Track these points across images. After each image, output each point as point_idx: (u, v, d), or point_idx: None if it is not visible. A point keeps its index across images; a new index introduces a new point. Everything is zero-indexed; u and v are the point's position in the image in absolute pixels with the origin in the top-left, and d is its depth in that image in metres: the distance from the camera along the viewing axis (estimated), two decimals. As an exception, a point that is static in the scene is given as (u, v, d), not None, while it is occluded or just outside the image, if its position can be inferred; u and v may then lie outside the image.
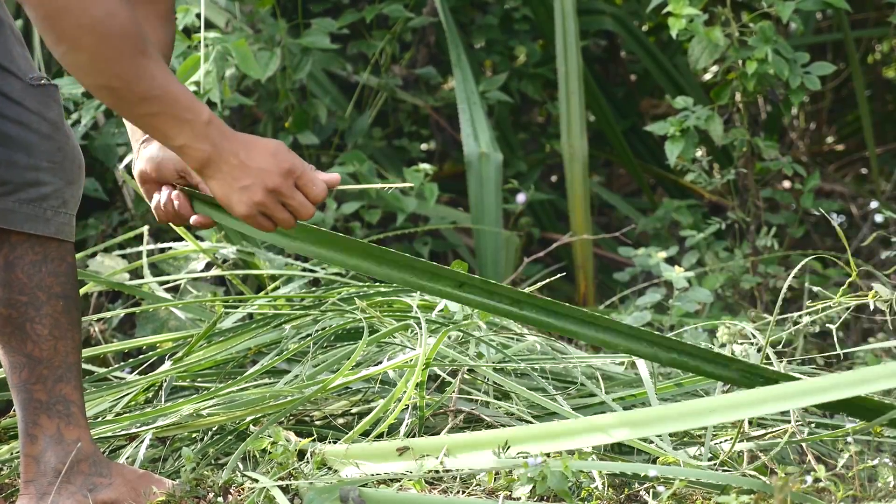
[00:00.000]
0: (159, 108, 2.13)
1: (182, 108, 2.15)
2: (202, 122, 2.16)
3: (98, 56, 2.08)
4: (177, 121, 2.14)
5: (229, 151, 2.17)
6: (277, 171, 2.19)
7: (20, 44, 2.33)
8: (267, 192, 2.20)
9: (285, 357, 2.82)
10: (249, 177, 2.18)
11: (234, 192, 2.19)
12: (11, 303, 2.31)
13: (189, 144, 2.16)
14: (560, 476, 2.17)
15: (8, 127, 2.28)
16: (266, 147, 2.20)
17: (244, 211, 2.20)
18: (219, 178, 2.18)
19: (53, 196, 2.32)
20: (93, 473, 2.35)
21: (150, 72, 2.12)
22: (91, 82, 2.12)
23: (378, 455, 2.38)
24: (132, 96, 2.12)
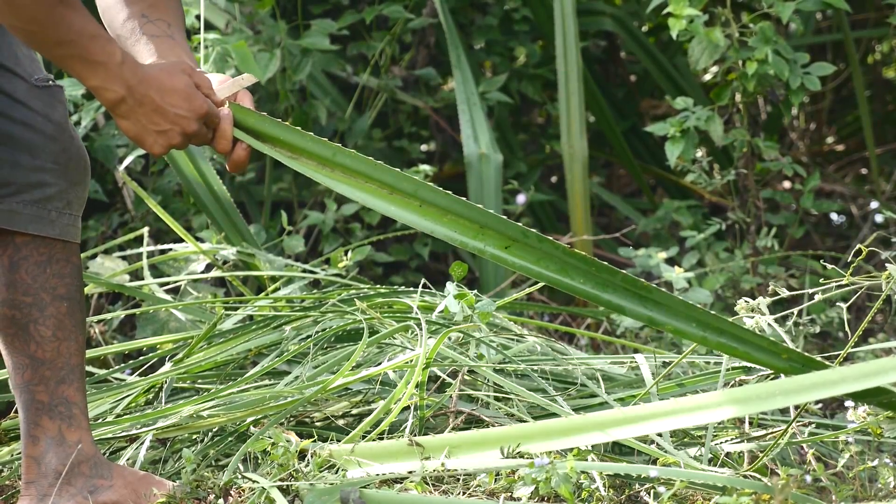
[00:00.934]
0: (73, 51, 2.18)
1: (95, 50, 2.19)
2: (115, 64, 2.20)
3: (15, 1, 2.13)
4: (89, 63, 2.19)
5: (145, 96, 2.23)
6: (194, 117, 2.27)
7: (25, 45, 2.33)
8: (185, 135, 2.28)
9: (286, 358, 2.82)
10: (167, 122, 2.26)
11: (149, 133, 2.26)
12: (15, 304, 2.31)
13: (102, 86, 2.21)
14: (564, 477, 2.17)
15: (13, 128, 2.28)
16: (179, 89, 2.26)
17: (159, 151, 2.27)
18: (132, 119, 2.24)
19: (58, 197, 2.32)
20: (93, 475, 2.35)
21: (68, 19, 2.16)
22: (8, 23, 2.16)
23: (381, 455, 2.38)
24: (47, 39, 2.17)
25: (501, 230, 2.37)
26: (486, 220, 2.37)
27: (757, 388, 2.15)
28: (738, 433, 2.56)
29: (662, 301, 2.36)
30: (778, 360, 2.33)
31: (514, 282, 4.32)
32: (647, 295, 2.36)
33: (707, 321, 2.33)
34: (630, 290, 2.35)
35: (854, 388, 2.10)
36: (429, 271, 4.77)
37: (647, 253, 3.97)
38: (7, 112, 2.28)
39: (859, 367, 2.11)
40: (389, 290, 3.18)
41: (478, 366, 2.71)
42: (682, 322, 2.34)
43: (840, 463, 2.34)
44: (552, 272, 2.38)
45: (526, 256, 2.38)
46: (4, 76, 2.29)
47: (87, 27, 2.19)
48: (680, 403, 2.21)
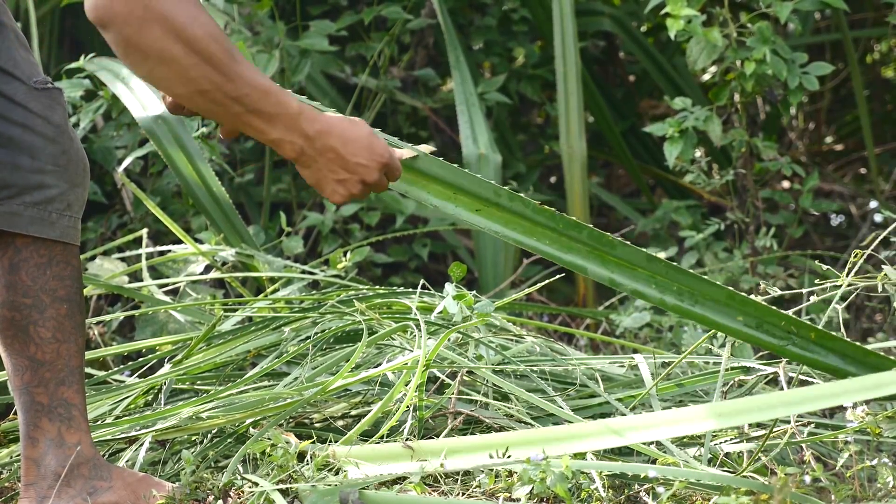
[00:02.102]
0: (250, 106, 2.16)
1: (272, 102, 2.18)
2: (292, 115, 2.20)
3: (188, 64, 2.10)
4: (268, 116, 2.18)
5: (325, 145, 2.23)
6: (376, 167, 2.27)
7: (24, 47, 2.33)
8: (364, 184, 2.26)
9: (285, 360, 2.82)
10: (348, 171, 2.25)
11: (329, 182, 2.25)
12: (15, 305, 2.31)
13: (283, 138, 2.20)
14: (560, 475, 2.17)
15: (12, 130, 2.28)
16: (361, 138, 2.25)
17: (338, 200, 2.27)
18: (314, 168, 2.24)
19: (58, 199, 2.32)
20: (93, 477, 2.35)
21: (238, 70, 2.14)
22: (182, 91, 2.13)
23: (380, 457, 2.38)
24: (223, 97, 2.14)
25: (474, 191, 2.40)
26: (461, 182, 2.39)
27: (747, 402, 2.18)
28: (738, 433, 2.56)
29: (625, 258, 2.38)
30: (733, 320, 2.35)
31: (513, 282, 4.33)
32: (609, 252, 2.39)
33: (666, 281, 2.36)
34: (594, 249, 2.40)
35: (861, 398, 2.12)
36: (428, 272, 4.77)
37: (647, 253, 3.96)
38: (7, 114, 2.28)
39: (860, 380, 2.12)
40: (388, 290, 3.18)
41: (477, 367, 2.71)
42: (641, 284, 2.39)
43: (839, 463, 2.34)
44: (520, 233, 2.41)
45: (496, 219, 2.42)
46: (3, 79, 2.29)
47: (260, 81, 2.17)
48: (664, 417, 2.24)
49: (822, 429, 2.63)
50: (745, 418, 2.22)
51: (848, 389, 2.13)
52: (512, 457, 2.28)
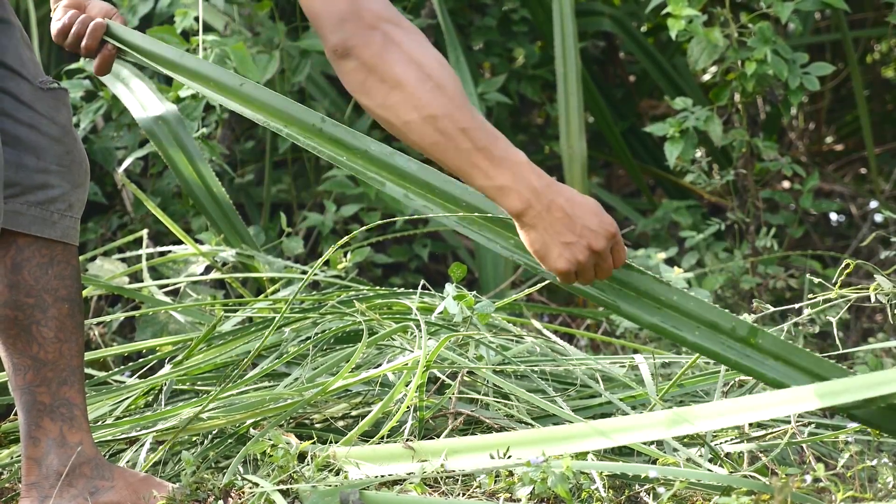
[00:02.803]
0: (479, 143, 2.09)
1: (500, 146, 2.10)
2: (520, 163, 2.10)
3: (423, 88, 2.08)
4: (497, 159, 2.09)
5: (553, 202, 2.11)
6: (604, 234, 2.13)
7: (29, 47, 2.34)
8: (591, 253, 2.13)
9: (285, 360, 2.82)
10: (574, 234, 2.12)
11: (555, 245, 2.12)
12: (18, 305, 2.31)
13: (510, 186, 2.10)
14: (561, 476, 2.17)
15: (18, 129, 2.29)
16: (589, 204, 2.13)
17: (563, 266, 2.12)
18: (540, 227, 2.12)
19: (61, 199, 2.33)
20: (95, 477, 2.35)
21: (467, 103, 2.09)
22: (413, 116, 2.09)
23: (380, 457, 2.38)
24: (453, 128, 2.08)
25: (304, 118, 2.28)
26: (290, 111, 2.30)
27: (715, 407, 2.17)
28: (738, 433, 2.56)
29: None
30: (690, 334, 2.27)
31: (513, 282, 4.32)
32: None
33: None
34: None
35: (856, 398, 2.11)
36: (428, 272, 4.77)
37: (647, 253, 3.97)
38: (13, 113, 2.29)
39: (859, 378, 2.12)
40: (389, 291, 3.18)
41: (477, 367, 2.71)
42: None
43: (840, 463, 2.34)
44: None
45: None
46: (11, 78, 2.30)
47: (488, 123, 2.10)
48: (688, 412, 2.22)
49: (823, 429, 2.63)
50: (745, 417, 2.21)
51: (849, 388, 2.13)
52: (513, 457, 2.28)
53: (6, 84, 2.30)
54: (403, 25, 2.11)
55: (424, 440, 2.46)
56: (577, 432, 2.29)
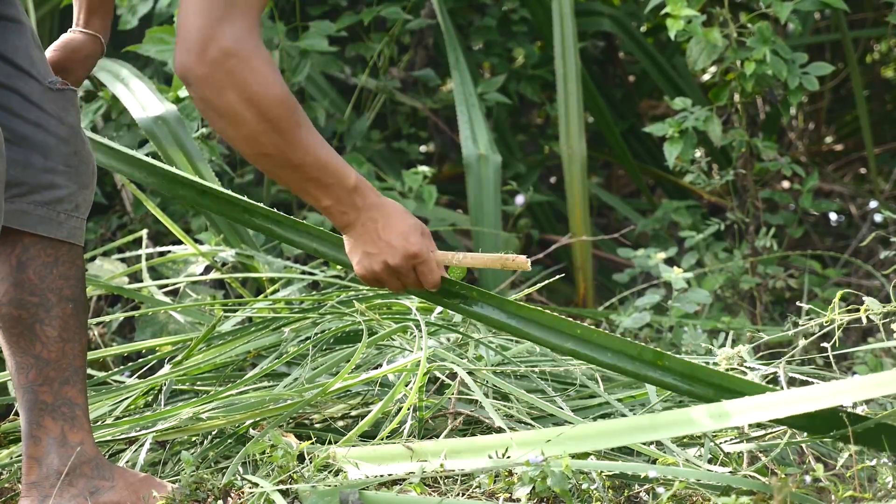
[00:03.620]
0: (310, 175, 2.24)
1: (329, 174, 2.25)
2: (348, 189, 2.27)
3: (257, 129, 2.17)
4: (324, 186, 2.26)
5: (368, 218, 2.29)
6: (403, 252, 2.31)
7: (39, 48, 2.35)
8: (386, 266, 2.31)
9: (285, 360, 2.82)
10: (376, 247, 2.31)
11: (357, 252, 2.32)
12: (22, 304, 2.31)
13: (334, 207, 2.27)
14: (561, 476, 2.17)
15: (26, 129, 2.30)
16: (402, 226, 2.31)
17: (359, 272, 2.33)
18: (353, 236, 2.31)
19: (67, 199, 2.33)
20: (95, 476, 2.35)
21: (304, 141, 2.21)
22: (248, 151, 2.21)
23: (380, 458, 2.38)
24: (286, 164, 2.22)
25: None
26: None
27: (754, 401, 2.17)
28: (738, 433, 2.56)
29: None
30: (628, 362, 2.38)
31: (513, 282, 4.33)
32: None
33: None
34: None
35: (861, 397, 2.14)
36: (428, 272, 4.76)
37: (646, 253, 3.97)
38: (22, 113, 2.30)
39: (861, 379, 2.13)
40: (389, 291, 3.17)
41: (477, 369, 2.71)
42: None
43: (839, 463, 2.34)
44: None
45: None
46: (21, 78, 2.30)
47: (321, 152, 2.25)
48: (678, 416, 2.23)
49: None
50: (744, 418, 2.22)
51: (848, 389, 2.13)
52: (512, 458, 2.28)
53: (15, 83, 2.30)
54: (252, 61, 2.13)
55: (424, 440, 2.46)
56: (617, 428, 2.30)
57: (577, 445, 2.28)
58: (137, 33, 4.28)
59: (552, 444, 2.27)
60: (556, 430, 2.33)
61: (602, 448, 2.33)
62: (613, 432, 2.29)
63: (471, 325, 2.87)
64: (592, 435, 2.29)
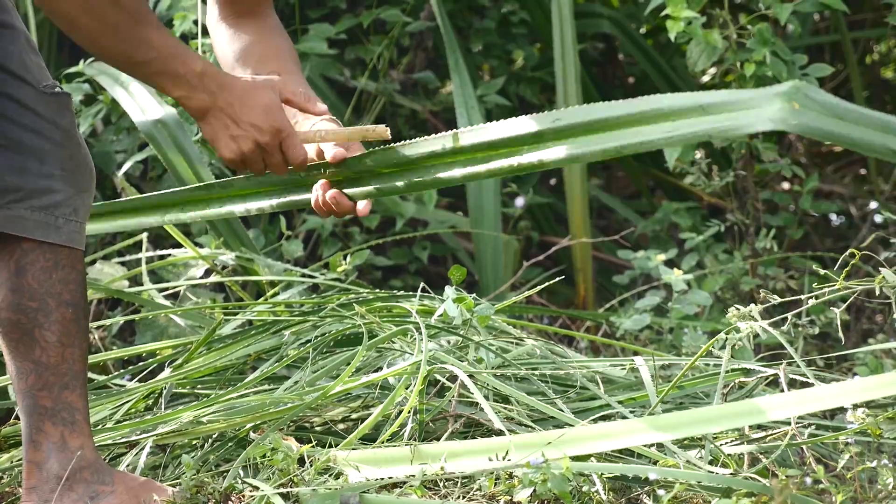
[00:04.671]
0: (156, 69, 2.29)
1: (177, 64, 2.30)
2: (196, 74, 2.31)
3: (97, 32, 2.23)
4: (172, 76, 2.30)
5: (225, 101, 2.34)
6: (269, 130, 2.36)
7: (34, 52, 2.35)
8: (256, 145, 2.36)
9: (285, 363, 2.82)
10: (241, 129, 2.35)
11: (223, 137, 2.36)
12: (21, 308, 2.31)
13: (187, 95, 2.32)
14: (561, 478, 2.17)
15: (21, 134, 2.29)
16: (260, 102, 2.36)
17: (229, 155, 2.37)
18: (212, 122, 2.35)
19: (65, 204, 2.33)
20: (95, 481, 2.35)
21: (146, 37, 2.26)
22: (96, 52, 2.28)
23: (380, 460, 2.38)
24: (131, 61, 2.28)
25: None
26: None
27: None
28: (738, 435, 2.56)
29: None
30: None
31: (513, 285, 4.32)
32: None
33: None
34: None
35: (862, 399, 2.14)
36: (428, 275, 4.77)
37: (647, 255, 3.97)
38: (16, 118, 2.30)
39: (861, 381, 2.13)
40: (388, 294, 3.18)
41: (478, 371, 2.70)
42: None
43: (840, 464, 2.34)
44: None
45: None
46: (14, 83, 2.30)
47: (167, 43, 2.29)
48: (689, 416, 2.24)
49: (823, 430, 2.63)
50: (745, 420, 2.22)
51: (849, 391, 2.13)
52: (512, 460, 2.28)
53: (9, 89, 2.30)
54: None
55: (425, 443, 2.46)
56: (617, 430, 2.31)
57: (578, 447, 2.28)
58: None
59: (552, 445, 2.27)
60: (556, 432, 2.33)
61: (603, 450, 2.32)
62: (613, 434, 2.29)
63: (471, 328, 2.87)
64: (593, 437, 2.29)
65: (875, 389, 2.12)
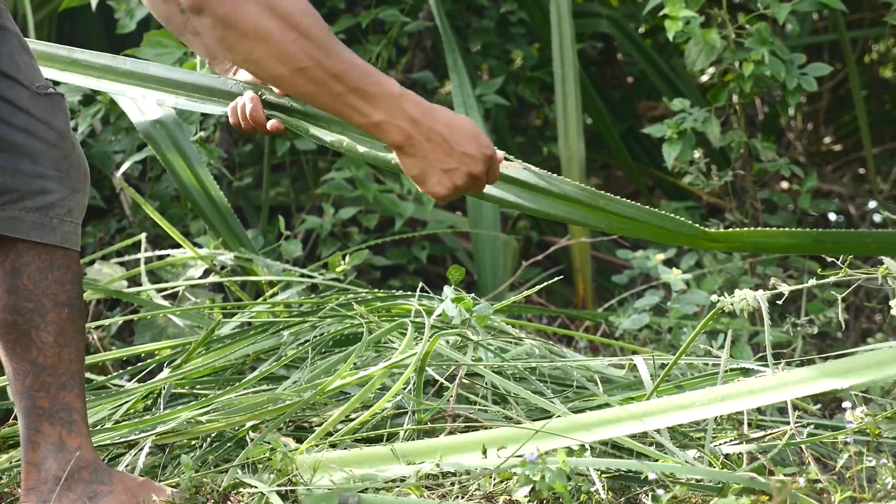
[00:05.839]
0: (351, 84, 2.07)
1: (373, 82, 2.09)
2: (395, 95, 2.10)
3: (286, 39, 2.04)
4: (371, 97, 2.08)
5: (431, 130, 2.13)
6: (482, 158, 2.17)
7: (26, 52, 2.35)
8: (470, 177, 2.16)
9: (283, 363, 2.82)
10: (454, 160, 2.14)
11: (434, 172, 2.15)
12: (17, 309, 2.31)
13: (387, 120, 2.10)
14: (558, 472, 2.16)
15: (14, 135, 2.29)
16: (467, 128, 2.17)
17: (443, 192, 2.16)
18: (419, 155, 2.13)
19: (59, 204, 2.33)
20: (94, 481, 2.35)
21: (336, 47, 2.07)
22: (282, 70, 2.06)
23: (377, 459, 2.38)
24: (323, 74, 2.06)
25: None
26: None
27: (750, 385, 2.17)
28: (737, 434, 2.56)
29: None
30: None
31: (512, 284, 4.32)
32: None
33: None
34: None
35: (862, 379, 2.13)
36: (427, 275, 4.77)
37: (645, 255, 3.97)
38: (9, 119, 2.29)
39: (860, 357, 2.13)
40: (387, 294, 3.18)
41: (474, 365, 2.70)
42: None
43: (839, 463, 2.34)
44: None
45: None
46: (6, 83, 2.30)
47: (358, 60, 2.09)
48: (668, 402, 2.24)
49: (822, 429, 2.64)
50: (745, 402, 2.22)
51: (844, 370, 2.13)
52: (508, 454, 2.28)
53: (2, 90, 2.30)
54: None
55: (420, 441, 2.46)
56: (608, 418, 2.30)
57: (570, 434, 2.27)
58: (136, 37, 4.28)
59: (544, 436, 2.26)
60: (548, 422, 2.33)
61: (598, 438, 2.31)
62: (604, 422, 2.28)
63: (470, 327, 2.87)
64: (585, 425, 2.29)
65: (868, 370, 2.12)
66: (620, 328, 3.79)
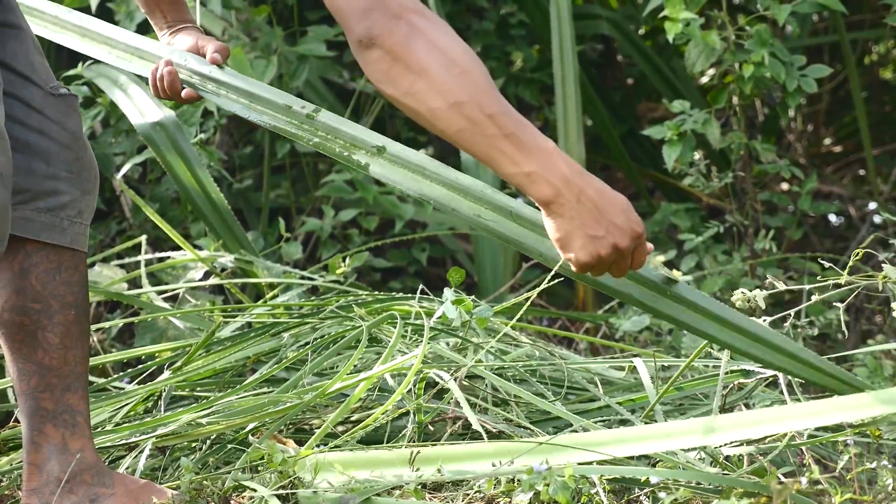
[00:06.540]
0: (508, 128, 2.05)
1: (528, 132, 2.05)
2: (549, 151, 2.06)
3: (448, 74, 2.05)
4: (524, 145, 2.05)
5: (583, 192, 2.07)
6: (630, 233, 2.10)
7: (40, 53, 2.35)
8: (615, 250, 2.09)
9: (284, 365, 2.82)
10: (601, 228, 2.07)
11: (579, 236, 2.08)
12: (25, 310, 2.31)
13: (539, 173, 2.05)
14: (562, 484, 2.16)
15: (28, 135, 2.29)
16: (618, 200, 2.10)
17: (584, 259, 2.09)
18: (567, 216, 2.07)
19: (70, 206, 2.33)
20: (95, 483, 2.35)
21: (495, 90, 2.06)
22: (439, 104, 2.06)
23: (379, 463, 2.38)
24: (480, 113, 2.05)
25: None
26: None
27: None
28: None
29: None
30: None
31: (512, 286, 4.32)
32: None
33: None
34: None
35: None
36: (427, 276, 4.77)
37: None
38: (23, 119, 2.29)
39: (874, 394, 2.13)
40: (387, 296, 3.18)
41: (475, 366, 2.70)
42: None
43: (839, 465, 2.34)
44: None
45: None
46: (21, 84, 2.30)
47: (513, 109, 2.06)
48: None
49: (822, 431, 2.63)
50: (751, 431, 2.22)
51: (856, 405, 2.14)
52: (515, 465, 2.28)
53: (17, 90, 2.30)
54: (428, 15, 2.09)
55: (424, 444, 2.46)
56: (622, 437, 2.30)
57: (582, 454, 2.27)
58: (135, 39, 4.27)
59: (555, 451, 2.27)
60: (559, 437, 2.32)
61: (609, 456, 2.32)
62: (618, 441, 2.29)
63: (470, 329, 2.87)
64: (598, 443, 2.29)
65: (880, 405, 2.13)
66: (621, 330, 3.79)
